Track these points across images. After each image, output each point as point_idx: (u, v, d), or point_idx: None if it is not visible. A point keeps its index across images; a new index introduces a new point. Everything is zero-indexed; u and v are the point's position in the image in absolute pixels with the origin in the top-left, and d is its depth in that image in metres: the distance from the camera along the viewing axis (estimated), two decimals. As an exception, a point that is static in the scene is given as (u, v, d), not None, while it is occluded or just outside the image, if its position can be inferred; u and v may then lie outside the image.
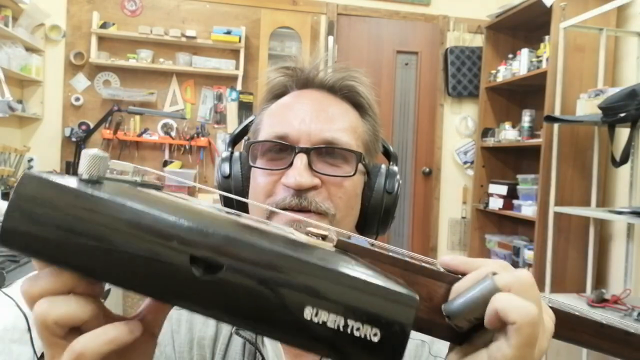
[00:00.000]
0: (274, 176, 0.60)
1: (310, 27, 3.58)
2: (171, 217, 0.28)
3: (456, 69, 3.70)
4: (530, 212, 3.01)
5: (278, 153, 0.61)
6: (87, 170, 0.32)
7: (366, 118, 0.67)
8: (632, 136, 2.29)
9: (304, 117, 0.60)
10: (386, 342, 0.27)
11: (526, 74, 3.10)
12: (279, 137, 0.60)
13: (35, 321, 0.31)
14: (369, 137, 0.66)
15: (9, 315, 0.99)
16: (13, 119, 3.20)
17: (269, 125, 0.63)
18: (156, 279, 0.28)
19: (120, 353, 0.33)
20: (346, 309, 0.27)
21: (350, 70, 0.66)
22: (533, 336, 0.30)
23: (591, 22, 2.56)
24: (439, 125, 3.78)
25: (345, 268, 0.28)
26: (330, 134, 0.60)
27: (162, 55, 3.44)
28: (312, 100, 0.63)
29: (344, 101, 0.65)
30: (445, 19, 3.75)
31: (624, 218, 2.20)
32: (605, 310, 2.25)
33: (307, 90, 0.66)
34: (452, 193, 3.80)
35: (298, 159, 0.58)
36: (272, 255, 0.28)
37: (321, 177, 0.59)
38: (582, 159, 2.72)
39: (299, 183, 0.56)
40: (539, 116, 3.00)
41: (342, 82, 0.65)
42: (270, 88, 0.68)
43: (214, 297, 0.27)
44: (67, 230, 0.28)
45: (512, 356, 0.30)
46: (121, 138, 3.38)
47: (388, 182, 0.65)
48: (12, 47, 2.98)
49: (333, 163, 0.60)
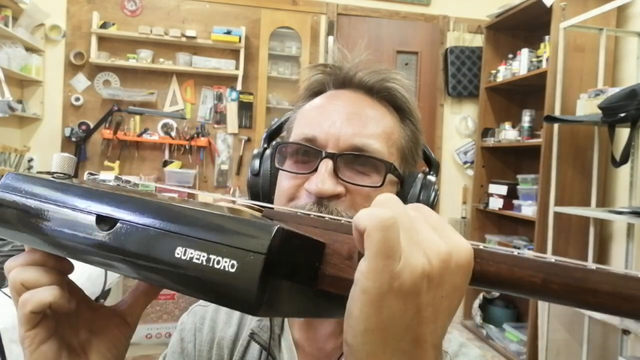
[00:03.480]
0: (298, 180, 0.57)
1: (310, 27, 3.58)
2: (89, 193, 0.39)
3: (456, 69, 3.70)
4: (530, 212, 3.01)
5: (305, 156, 0.58)
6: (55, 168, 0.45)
7: (405, 123, 0.63)
8: (632, 136, 2.29)
9: (335, 120, 0.57)
10: (242, 271, 0.29)
11: (526, 74, 3.10)
12: (307, 139, 0.57)
13: (9, 285, 0.42)
14: (406, 144, 0.62)
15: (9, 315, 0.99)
16: (13, 119, 3.20)
17: (299, 125, 0.61)
18: (76, 239, 0.37)
19: (94, 330, 0.45)
20: (207, 245, 0.30)
21: (391, 71, 0.63)
22: (386, 242, 0.26)
23: (591, 22, 2.56)
24: (439, 125, 3.78)
25: (211, 214, 0.33)
26: (360, 139, 0.56)
27: (162, 55, 3.44)
28: (346, 101, 0.60)
29: (382, 104, 0.61)
30: (445, 19, 3.75)
31: (624, 218, 2.20)
32: (605, 310, 2.25)
33: (344, 90, 0.62)
34: (452, 193, 3.80)
35: (323, 165, 0.55)
36: (152, 208, 0.34)
37: (346, 185, 0.56)
38: (582, 159, 2.72)
39: (320, 190, 0.54)
40: (539, 116, 3.00)
41: (382, 84, 0.61)
42: (308, 86, 0.65)
43: (114, 247, 0.34)
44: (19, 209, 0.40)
45: (368, 270, 0.27)
46: (121, 138, 3.38)
47: (423, 193, 0.61)
48: (12, 47, 2.98)
49: (362, 171, 0.56)
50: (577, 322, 2.60)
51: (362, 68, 0.63)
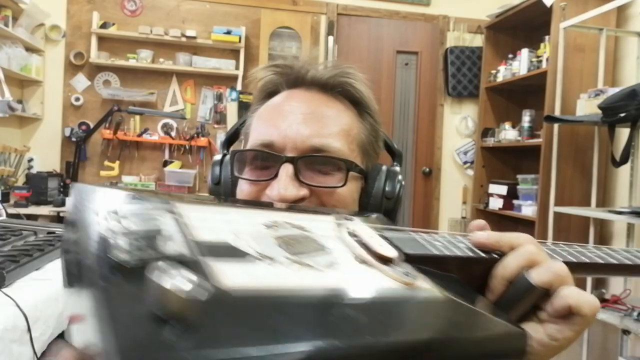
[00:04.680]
0: (259, 185, 0.56)
1: (310, 27, 3.58)
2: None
3: (456, 69, 3.70)
4: (530, 212, 3.01)
5: (265, 161, 0.56)
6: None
7: (363, 116, 0.62)
8: (632, 136, 2.29)
9: (291, 122, 0.56)
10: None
11: (526, 74, 3.10)
12: (264, 145, 0.56)
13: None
14: (366, 138, 0.61)
15: (9, 315, 0.99)
16: (13, 119, 3.20)
17: (256, 130, 0.59)
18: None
19: None
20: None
21: (343, 66, 0.62)
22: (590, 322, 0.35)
23: (591, 22, 2.56)
24: (439, 125, 3.78)
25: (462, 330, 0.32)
26: (319, 140, 0.55)
27: (162, 55, 3.44)
28: (301, 101, 0.58)
29: (338, 100, 0.61)
30: (445, 19, 3.75)
31: (624, 218, 2.20)
32: (605, 310, 2.25)
33: (298, 89, 0.61)
34: (452, 193, 3.80)
35: (283, 170, 0.53)
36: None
37: (310, 187, 0.55)
38: (582, 159, 2.72)
39: (282, 197, 0.52)
40: (539, 116, 3.00)
41: (336, 79, 0.60)
42: (261, 87, 0.64)
43: None
44: None
45: (573, 338, 0.35)
46: (121, 138, 3.38)
47: (388, 185, 0.60)
48: (12, 47, 2.98)
49: (324, 171, 0.55)
50: (577, 322, 2.60)
51: (314, 65, 0.61)
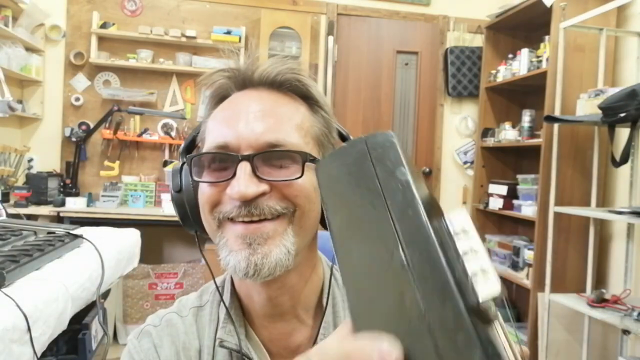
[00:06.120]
0: (219, 187, 0.57)
1: (310, 27, 3.58)
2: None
3: (456, 69, 3.70)
4: (530, 212, 3.01)
5: (222, 163, 0.58)
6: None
7: (314, 110, 0.63)
8: (632, 136, 2.30)
9: (244, 121, 0.57)
10: None
11: (526, 74, 3.10)
12: (219, 147, 0.57)
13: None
14: (319, 130, 0.63)
15: (9, 315, 0.99)
16: (13, 119, 3.20)
17: (211, 134, 0.60)
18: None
19: None
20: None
21: (288, 62, 0.63)
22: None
23: (591, 22, 2.56)
24: (439, 125, 3.78)
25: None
26: (273, 135, 0.56)
27: (162, 55, 3.44)
28: (252, 100, 0.60)
29: (288, 96, 0.62)
30: (445, 19, 3.75)
31: (624, 218, 2.20)
32: (605, 310, 2.25)
33: (248, 90, 0.62)
34: (452, 193, 3.80)
35: (241, 169, 0.55)
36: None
37: (269, 182, 0.56)
38: (582, 159, 2.72)
39: (242, 195, 0.54)
40: (539, 116, 3.00)
41: (282, 76, 0.61)
42: (212, 93, 0.65)
43: None
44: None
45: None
46: (121, 138, 3.38)
47: None
48: (12, 47, 2.98)
49: (280, 165, 0.57)
50: (577, 322, 2.60)
51: (260, 64, 0.63)
